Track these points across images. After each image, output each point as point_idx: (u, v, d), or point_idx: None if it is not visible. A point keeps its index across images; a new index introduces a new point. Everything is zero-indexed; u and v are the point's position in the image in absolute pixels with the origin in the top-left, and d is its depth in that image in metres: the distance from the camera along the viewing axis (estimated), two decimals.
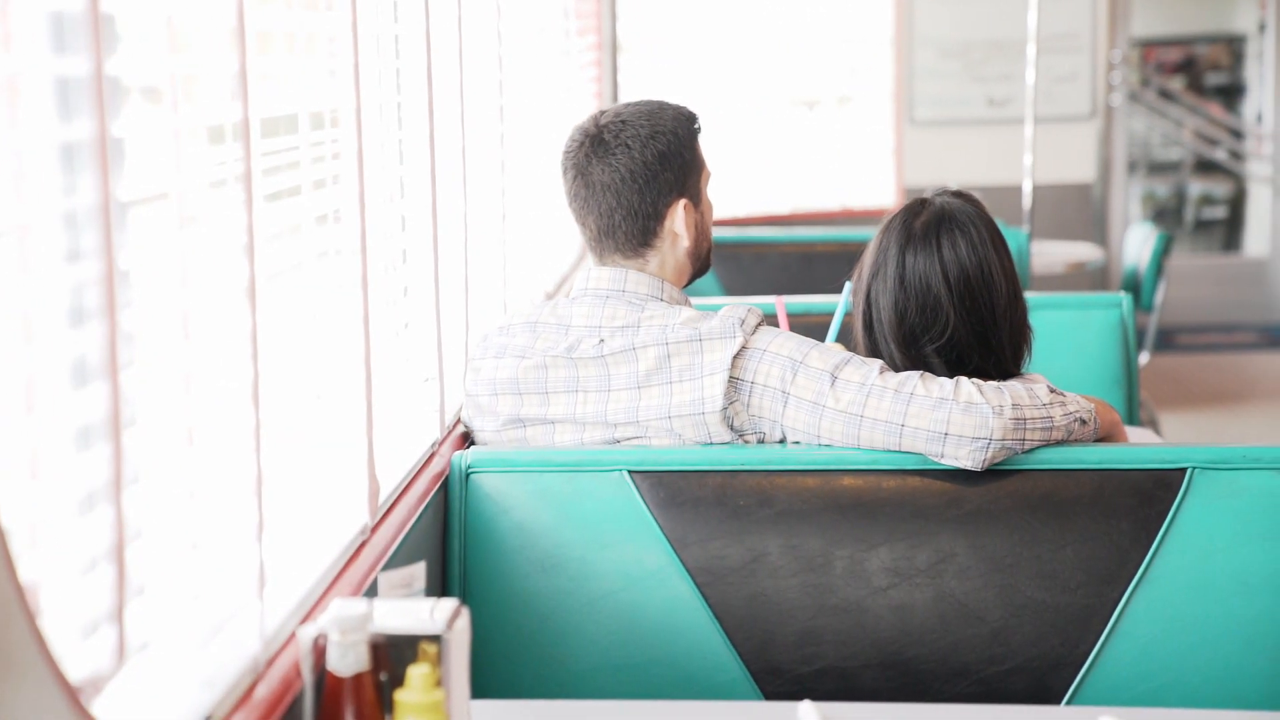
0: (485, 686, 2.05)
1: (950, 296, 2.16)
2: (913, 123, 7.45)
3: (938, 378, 2.08)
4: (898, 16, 7.25)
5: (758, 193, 7.05)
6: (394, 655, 1.50)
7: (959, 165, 7.33)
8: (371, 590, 1.77)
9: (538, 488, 2.12)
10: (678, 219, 2.26)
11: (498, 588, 2.10)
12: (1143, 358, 5.74)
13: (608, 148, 2.24)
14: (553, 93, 4.03)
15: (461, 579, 2.12)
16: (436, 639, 1.50)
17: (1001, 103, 7.42)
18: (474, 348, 2.31)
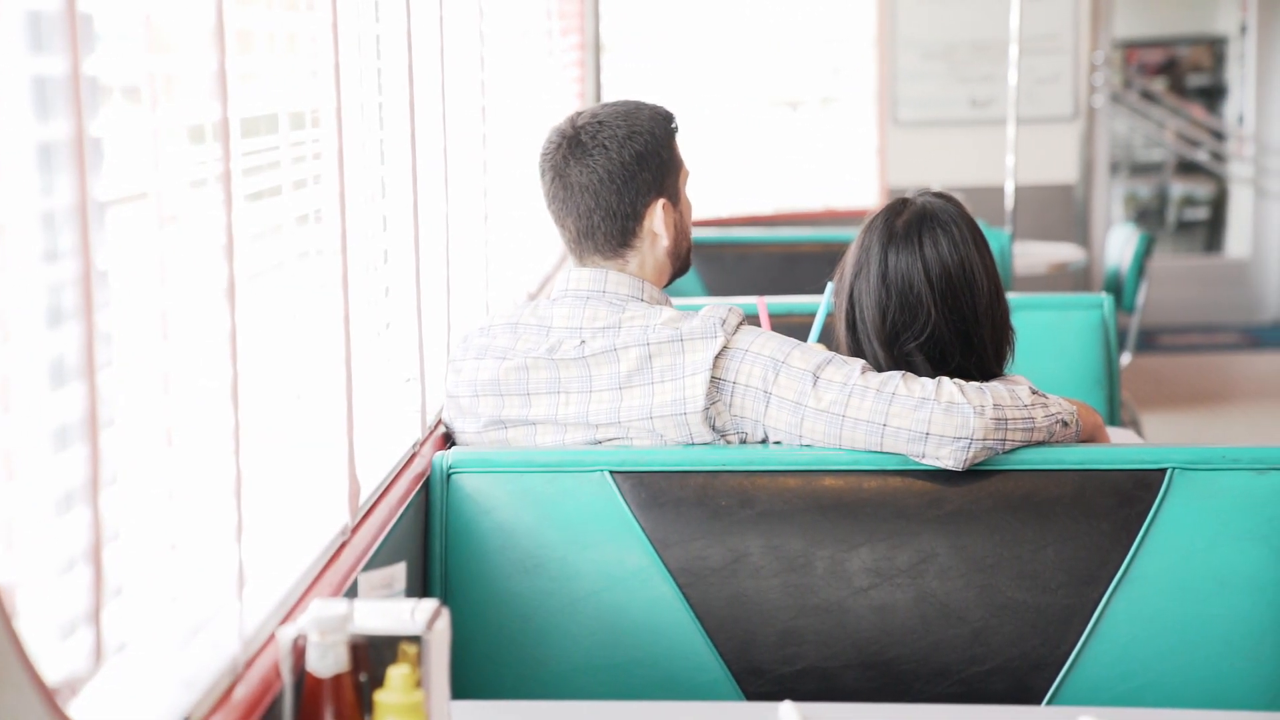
0: (467, 687, 2.05)
1: (932, 294, 2.16)
2: (896, 123, 7.47)
3: (919, 378, 2.09)
4: (880, 17, 7.27)
5: (741, 193, 7.06)
6: (374, 656, 1.49)
7: (942, 166, 7.34)
8: (352, 591, 1.76)
9: (519, 488, 2.12)
10: (657, 219, 2.26)
11: (479, 588, 2.10)
12: (1124, 358, 5.75)
13: (585, 149, 2.24)
14: (535, 93, 4.02)
15: (443, 580, 2.12)
16: (416, 640, 1.50)
17: (984, 104, 7.43)
18: (454, 348, 2.31)
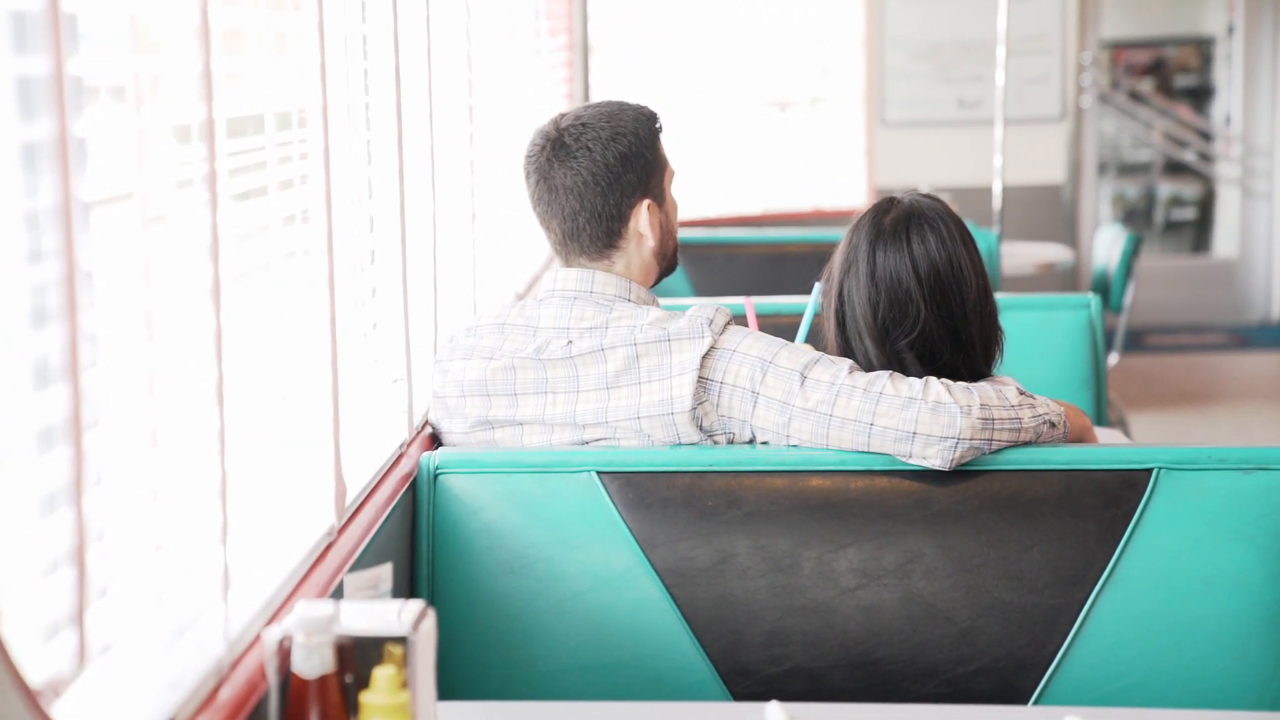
0: (453, 688, 2.05)
1: (921, 291, 2.16)
2: (884, 124, 7.47)
3: (907, 378, 2.09)
4: (869, 18, 7.27)
5: (729, 193, 7.06)
6: (360, 657, 1.49)
7: (930, 166, 7.35)
8: (338, 592, 1.76)
9: (506, 489, 2.11)
10: (642, 219, 2.26)
11: (466, 589, 2.10)
12: (1112, 358, 5.76)
13: (569, 151, 2.24)
14: (523, 93, 4.02)
15: (430, 580, 2.12)
16: (402, 641, 1.49)
17: (972, 104, 7.44)
18: (441, 349, 2.31)
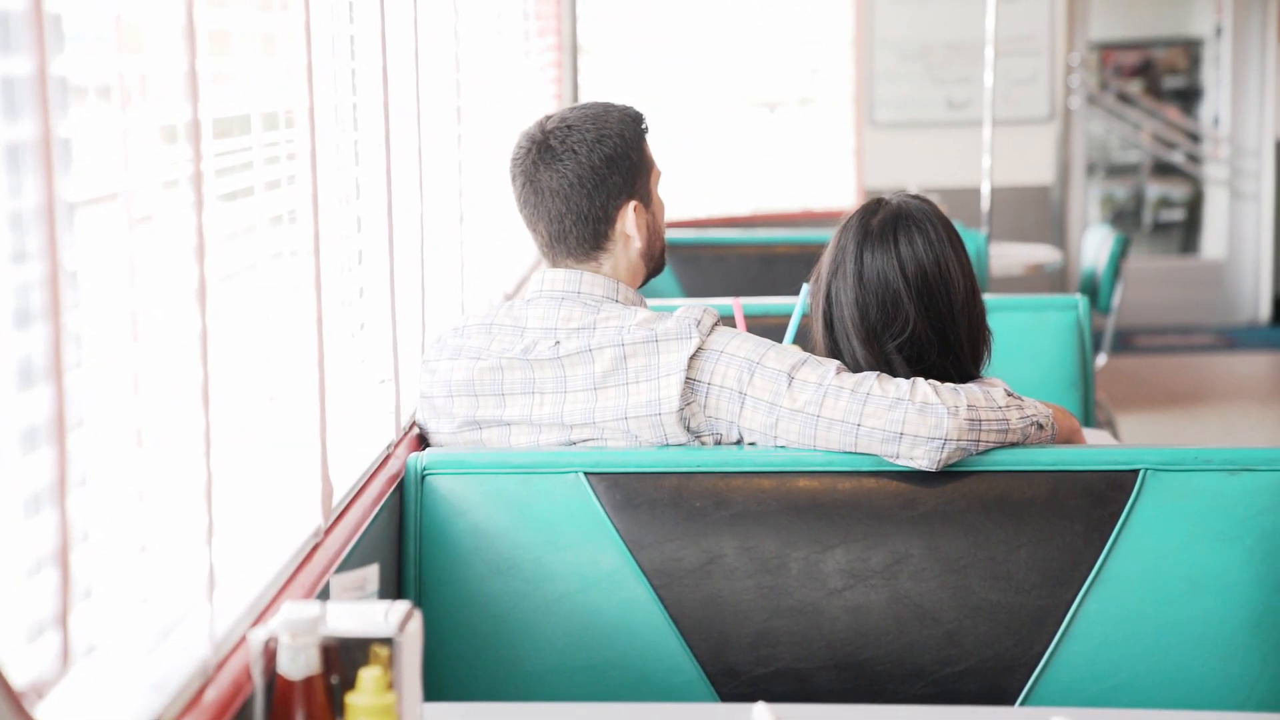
0: (441, 689, 2.04)
1: (909, 292, 2.16)
2: (873, 124, 7.48)
3: (894, 379, 2.09)
4: (858, 19, 7.28)
5: (718, 194, 7.06)
6: (345, 658, 1.49)
7: (918, 167, 7.35)
8: (324, 593, 1.76)
9: (493, 489, 2.11)
10: (628, 221, 2.26)
11: (453, 590, 2.10)
12: (1100, 359, 5.77)
13: (554, 154, 2.24)
14: (512, 94, 4.02)
15: (417, 581, 2.11)
16: (389, 642, 1.49)
17: (961, 105, 7.45)
18: (429, 349, 2.30)
